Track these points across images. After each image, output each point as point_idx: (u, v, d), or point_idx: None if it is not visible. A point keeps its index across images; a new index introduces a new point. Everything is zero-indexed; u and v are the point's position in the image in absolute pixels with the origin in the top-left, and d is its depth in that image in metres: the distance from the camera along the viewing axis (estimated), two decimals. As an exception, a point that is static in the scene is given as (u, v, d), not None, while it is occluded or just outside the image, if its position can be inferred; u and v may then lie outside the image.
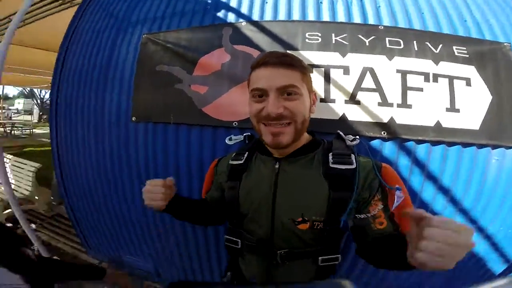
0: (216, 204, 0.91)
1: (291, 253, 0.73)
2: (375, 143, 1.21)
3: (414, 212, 0.47)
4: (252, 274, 0.83)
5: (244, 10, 1.38)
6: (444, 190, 1.25)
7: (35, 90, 13.90)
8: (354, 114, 1.17)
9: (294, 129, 0.67)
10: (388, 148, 1.21)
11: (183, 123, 1.38)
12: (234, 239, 0.81)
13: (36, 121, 15.55)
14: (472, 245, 0.44)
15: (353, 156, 0.71)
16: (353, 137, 0.78)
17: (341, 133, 0.81)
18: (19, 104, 24.26)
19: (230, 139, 0.94)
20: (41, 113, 17.20)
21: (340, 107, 1.17)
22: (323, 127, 1.17)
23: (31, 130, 10.61)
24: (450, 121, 1.15)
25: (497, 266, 1.49)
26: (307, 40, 1.21)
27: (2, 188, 3.09)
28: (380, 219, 0.68)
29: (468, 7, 1.33)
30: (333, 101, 1.18)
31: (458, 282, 1.56)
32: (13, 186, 3.02)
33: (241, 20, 1.33)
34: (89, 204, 1.89)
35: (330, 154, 0.73)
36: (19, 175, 3.11)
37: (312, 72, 0.76)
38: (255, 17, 1.35)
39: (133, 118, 1.46)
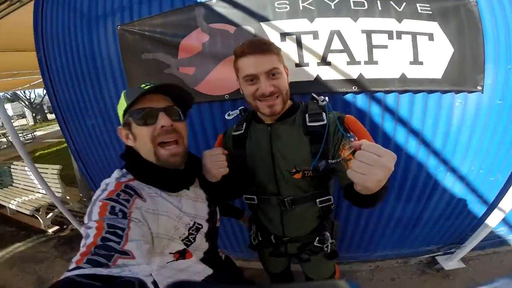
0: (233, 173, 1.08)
1: (295, 199, 0.96)
2: (348, 97, 1.37)
3: (355, 143, 0.61)
4: (269, 221, 1.07)
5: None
6: (414, 133, 1.43)
7: (19, 92, 13.35)
8: (326, 74, 1.32)
9: (282, 100, 0.87)
10: (361, 100, 1.38)
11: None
12: (251, 196, 1.03)
13: (33, 123, 15.42)
14: (390, 169, 0.56)
15: (324, 114, 0.88)
16: (324, 98, 0.95)
17: (314, 95, 0.98)
18: (8, 110, 23.35)
19: (229, 115, 1.08)
20: (34, 115, 16.78)
21: (313, 69, 1.32)
22: (301, 88, 1.35)
23: (33, 134, 10.67)
24: (414, 73, 1.27)
25: (477, 207, 1.73)
26: (276, 10, 1.29)
27: (37, 195, 3.45)
28: (351, 162, 0.80)
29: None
30: (307, 64, 1.32)
31: (453, 223, 1.84)
32: (44, 192, 3.26)
33: (211, -3, 1.38)
34: None
35: (307, 115, 0.91)
36: (45, 180, 3.38)
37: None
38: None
39: None
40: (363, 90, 1.33)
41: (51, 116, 17.48)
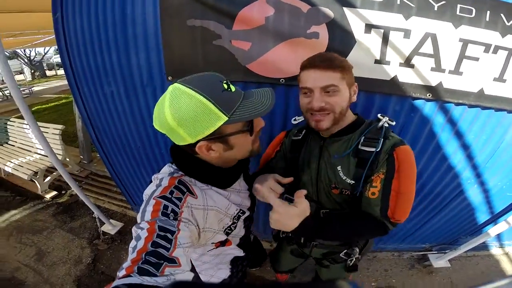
0: (280, 171, 1.14)
1: (331, 213, 1.03)
2: (418, 102, 1.37)
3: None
4: None
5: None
6: (465, 147, 1.51)
7: (18, 50, 13.98)
8: (405, 76, 1.27)
9: (333, 118, 0.89)
10: (428, 107, 1.38)
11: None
12: (291, 197, 1.08)
13: (30, 79, 16.81)
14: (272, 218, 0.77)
15: (380, 140, 0.87)
16: (386, 120, 0.93)
17: (380, 115, 0.97)
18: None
19: (295, 120, 1.14)
20: (32, 71, 17.71)
21: (393, 69, 1.26)
22: (374, 86, 1.31)
23: (30, 89, 10.84)
24: (493, 89, 1.28)
25: (483, 216, 1.95)
26: None
27: (35, 156, 3.27)
28: (374, 189, 0.86)
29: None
30: (388, 63, 1.25)
31: (455, 227, 2.08)
32: (43, 153, 3.18)
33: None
34: (130, 162, 2.09)
35: (362, 137, 0.91)
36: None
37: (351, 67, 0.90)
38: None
39: (169, 78, 1.48)
40: (437, 99, 1.32)
41: (50, 73, 19.55)
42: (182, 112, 0.60)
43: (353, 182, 0.91)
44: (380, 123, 0.93)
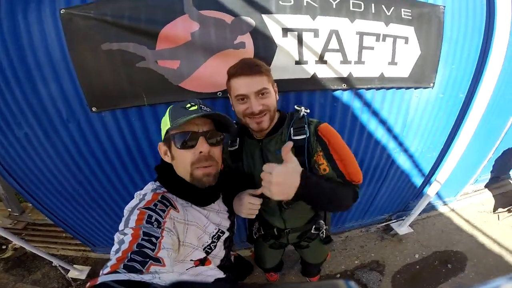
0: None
1: (289, 201, 1.13)
2: (337, 93, 1.56)
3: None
4: (271, 216, 1.28)
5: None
6: (383, 122, 1.77)
7: None
8: (322, 72, 1.44)
9: (269, 116, 0.99)
10: (346, 96, 1.59)
11: (160, 102, 1.38)
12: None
13: None
14: (273, 183, 0.75)
15: (306, 127, 1.01)
16: (304, 110, 1.06)
17: (296, 107, 1.10)
18: None
19: None
20: None
21: (311, 67, 1.41)
22: (298, 85, 1.45)
23: None
24: (390, 72, 1.54)
25: (418, 179, 2.30)
26: (280, 2, 1.28)
27: None
28: (323, 166, 0.98)
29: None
30: (306, 62, 1.40)
31: (401, 194, 2.39)
32: None
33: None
34: (73, 205, 1.87)
35: (291, 129, 1.03)
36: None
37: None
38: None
39: (93, 109, 1.37)
40: (351, 87, 1.53)
41: None
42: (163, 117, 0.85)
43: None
44: (301, 113, 1.05)
